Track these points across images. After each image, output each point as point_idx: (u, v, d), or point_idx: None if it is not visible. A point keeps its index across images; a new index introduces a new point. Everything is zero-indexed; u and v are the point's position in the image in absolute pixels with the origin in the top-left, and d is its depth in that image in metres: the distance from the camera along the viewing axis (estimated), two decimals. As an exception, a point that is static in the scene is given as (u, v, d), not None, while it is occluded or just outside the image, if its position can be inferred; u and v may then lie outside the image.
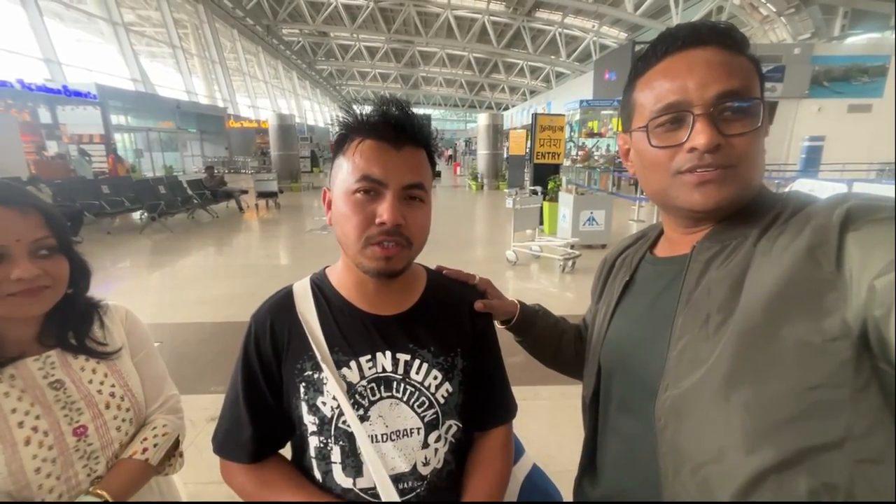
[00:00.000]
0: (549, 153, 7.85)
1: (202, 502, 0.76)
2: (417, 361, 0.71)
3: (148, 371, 0.90)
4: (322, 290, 0.75)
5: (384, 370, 0.70)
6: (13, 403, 0.72)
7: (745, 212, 0.57)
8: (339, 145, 0.68)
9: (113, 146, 14.34)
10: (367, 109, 0.67)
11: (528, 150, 10.60)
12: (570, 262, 5.35)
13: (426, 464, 0.70)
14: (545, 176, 7.22)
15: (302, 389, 0.69)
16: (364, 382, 0.68)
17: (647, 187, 0.63)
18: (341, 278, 0.74)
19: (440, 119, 63.13)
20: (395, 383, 0.70)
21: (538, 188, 6.39)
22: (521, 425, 0.97)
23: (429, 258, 0.81)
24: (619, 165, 11.53)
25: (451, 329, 0.76)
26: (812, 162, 9.56)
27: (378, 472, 0.67)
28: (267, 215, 10.18)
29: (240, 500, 0.74)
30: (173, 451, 0.89)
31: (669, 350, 0.56)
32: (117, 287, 5.05)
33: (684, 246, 0.62)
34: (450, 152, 27.12)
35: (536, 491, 0.86)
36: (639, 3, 19.80)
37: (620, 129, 0.69)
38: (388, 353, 0.70)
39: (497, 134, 15.10)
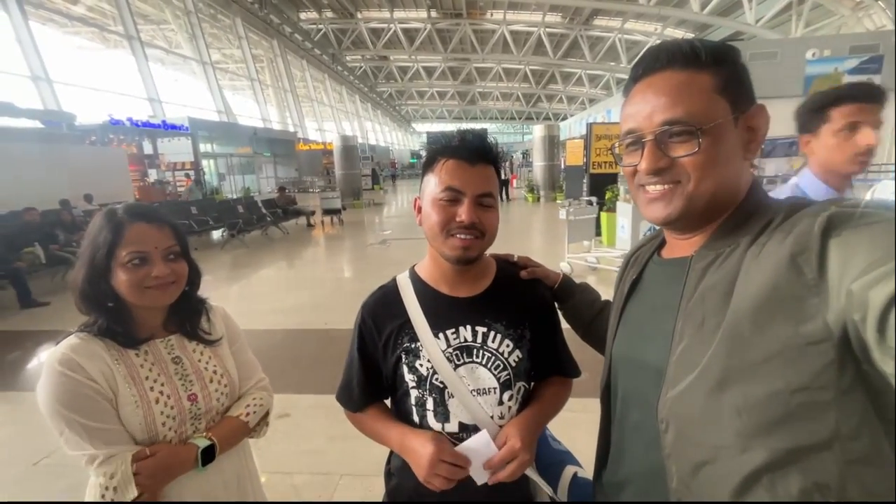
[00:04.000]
0: (605, 163, 7.65)
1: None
2: (493, 333, 0.88)
3: (242, 357, 1.12)
4: (414, 282, 0.94)
5: (465, 340, 0.87)
6: (146, 372, 0.94)
7: (741, 219, 0.60)
8: (429, 165, 0.87)
9: (203, 171, 16.07)
10: (452, 138, 0.86)
11: (585, 161, 10.36)
12: (628, 275, 5.16)
13: (501, 418, 0.86)
14: (602, 186, 7.04)
15: (403, 356, 0.88)
16: (450, 350, 0.86)
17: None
18: (429, 270, 0.93)
19: (496, 132, 63.36)
20: (475, 350, 0.87)
21: (593, 199, 6.25)
22: (570, 436, 1.09)
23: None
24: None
25: (520, 306, 0.92)
26: (917, 161, 8.40)
27: (461, 392, 0.85)
28: (331, 231, 10.83)
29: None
30: (264, 420, 1.09)
31: (670, 355, 0.59)
32: (210, 297, 5.62)
33: (682, 248, 0.66)
34: (506, 164, 27.11)
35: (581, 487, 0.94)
36: (706, 1, 18.76)
37: None
38: (469, 327, 0.88)
39: (553, 145, 14.92)
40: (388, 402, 0.99)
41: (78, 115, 11.93)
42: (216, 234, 10.33)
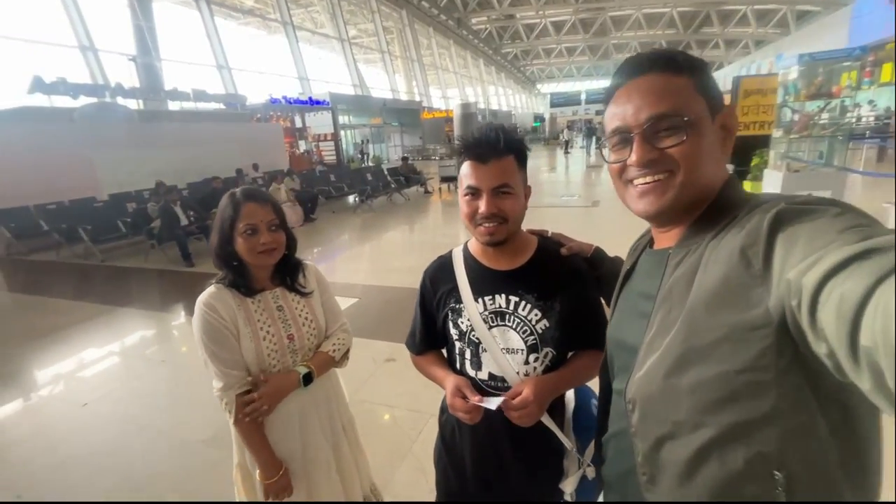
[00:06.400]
0: (755, 123, 6.47)
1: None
2: (523, 303, 1.01)
3: (329, 305, 1.39)
4: (465, 254, 1.12)
5: (500, 306, 1.03)
6: (258, 316, 1.22)
7: (713, 215, 0.62)
8: (458, 163, 1.02)
9: (357, 150, 18.01)
10: (470, 136, 0.99)
11: (732, 120, 8.85)
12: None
13: (526, 375, 1.01)
14: (749, 151, 6.02)
15: (449, 314, 1.09)
16: (486, 313, 1.03)
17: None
18: (474, 246, 1.11)
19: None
20: (507, 316, 1.02)
21: (731, 166, 5.44)
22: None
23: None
24: (863, 133, 8.44)
25: (553, 280, 1.02)
26: None
27: (494, 349, 1.02)
28: (448, 198, 11.33)
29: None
30: (345, 356, 1.38)
31: (643, 342, 0.66)
32: (343, 255, 6.63)
33: (665, 240, 0.70)
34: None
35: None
36: None
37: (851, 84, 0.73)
38: (503, 295, 1.03)
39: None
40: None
41: (247, 97, 14.26)
42: (350, 199, 11.64)
